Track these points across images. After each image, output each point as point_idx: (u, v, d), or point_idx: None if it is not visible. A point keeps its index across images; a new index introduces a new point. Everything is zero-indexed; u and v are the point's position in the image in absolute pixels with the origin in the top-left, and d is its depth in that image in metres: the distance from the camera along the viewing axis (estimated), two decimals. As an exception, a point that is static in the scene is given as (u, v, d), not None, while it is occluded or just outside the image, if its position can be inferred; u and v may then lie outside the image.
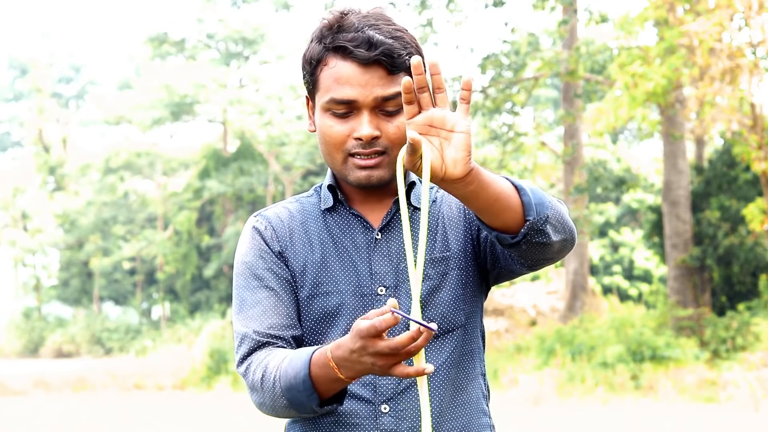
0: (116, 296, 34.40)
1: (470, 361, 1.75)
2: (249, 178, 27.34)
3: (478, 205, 1.52)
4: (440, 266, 1.73)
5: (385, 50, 1.63)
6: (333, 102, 1.66)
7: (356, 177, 1.69)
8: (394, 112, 1.67)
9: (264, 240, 1.75)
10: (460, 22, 16.66)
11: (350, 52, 1.63)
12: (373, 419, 1.67)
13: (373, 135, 1.65)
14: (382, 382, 1.68)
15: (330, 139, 1.68)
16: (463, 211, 1.77)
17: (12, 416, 11.93)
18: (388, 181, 1.71)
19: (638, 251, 25.15)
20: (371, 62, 1.64)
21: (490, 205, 1.52)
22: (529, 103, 26.73)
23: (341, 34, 1.65)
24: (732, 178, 15.68)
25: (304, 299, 1.72)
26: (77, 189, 33.27)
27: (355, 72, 1.64)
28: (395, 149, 1.68)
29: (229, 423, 10.72)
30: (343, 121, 1.67)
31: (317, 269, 1.73)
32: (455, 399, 1.72)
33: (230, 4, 29.00)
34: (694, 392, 11.33)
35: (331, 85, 1.66)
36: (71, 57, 39.46)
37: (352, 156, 1.68)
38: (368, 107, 1.65)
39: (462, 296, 1.74)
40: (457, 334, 1.73)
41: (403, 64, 1.66)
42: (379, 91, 1.65)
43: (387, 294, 1.70)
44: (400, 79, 1.66)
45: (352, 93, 1.64)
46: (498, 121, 17.84)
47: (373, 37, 1.63)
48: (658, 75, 11.20)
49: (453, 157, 1.45)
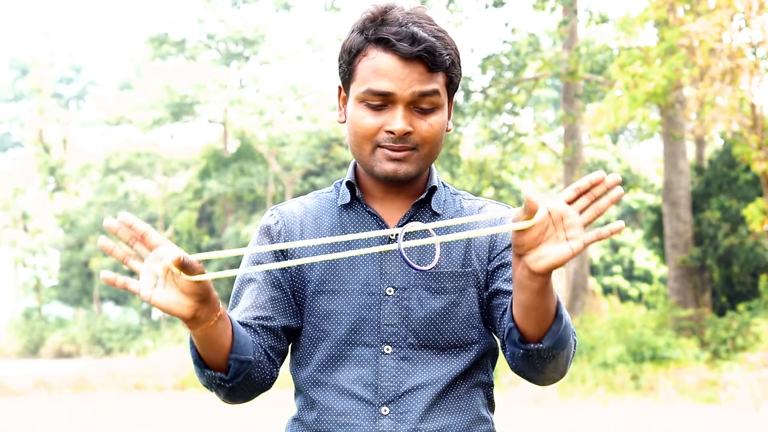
0: (116, 296, 34.39)
1: (477, 373, 1.75)
2: (249, 178, 27.34)
3: (526, 303, 1.52)
4: (460, 281, 1.72)
5: (428, 47, 1.63)
6: (369, 93, 1.65)
7: (383, 169, 1.68)
8: (428, 110, 1.67)
9: (270, 235, 1.77)
10: (461, 23, 16.66)
11: (393, 45, 1.63)
12: (372, 421, 1.67)
13: (405, 130, 1.65)
14: (384, 384, 1.68)
15: (361, 129, 1.68)
16: (491, 238, 1.76)
17: (12, 417, 11.93)
18: (414, 176, 1.70)
19: (638, 251, 25.15)
20: (413, 57, 1.63)
21: (532, 309, 1.52)
22: (530, 104, 26.75)
23: (385, 27, 1.65)
24: (732, 179, 15.68)
25: (310, 294, 1.73)
26: (77, 189, 33.26)
27: (395, 65, 1.64)
28: (425, 147, 1.68)
29: (230, 423, 10.72)
30: (377, 113, 1.67)
31: (326, 266, 1.72)
32: (455, 405, 1.71)
33: (230, 5, 28.99)
34: (695, 393, 11.33)
35: (369, 76, 1.65)
36: (72, 57, 39.45)
37: (381, 147, 1.67)
38: (404, 102, 1.65)
39: (478, 314, 1.73)
40: (467, 350, 1.72)
41: (443, 63, 1.65)
42: (417, 86, 1.64)
43: (395, 295, 1.70)
44: (438, 78, 1.66)
45: (390, 86, 1.64)
46: (498, 122, 17.85)
47: (417, 33, 1.63)
48: (658, 75, 11.20)
49: (546, 254, 1.44)
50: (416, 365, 1.69)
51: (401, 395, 1.68)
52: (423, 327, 1.69)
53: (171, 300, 1.44)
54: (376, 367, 1.68)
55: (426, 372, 1.69)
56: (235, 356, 1.58)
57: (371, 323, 1.69)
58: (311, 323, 1.73)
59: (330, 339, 1.71)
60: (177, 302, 1.44)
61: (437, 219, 1.75)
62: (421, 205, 1.76)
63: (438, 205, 1.77)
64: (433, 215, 1.76)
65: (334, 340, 1.70)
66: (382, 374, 1.68)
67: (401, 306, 1.69)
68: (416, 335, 1.69)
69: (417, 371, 1.69)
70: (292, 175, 26.61)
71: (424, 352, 1.70)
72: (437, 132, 1.68)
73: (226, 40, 28.89)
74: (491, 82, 16.61)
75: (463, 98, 16.45)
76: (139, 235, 1.43)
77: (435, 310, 1.69)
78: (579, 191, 1.43)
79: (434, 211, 1.76)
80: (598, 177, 1.42)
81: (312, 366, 1.72)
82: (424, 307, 1.69)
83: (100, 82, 40.53)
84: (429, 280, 1.70)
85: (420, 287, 1.70)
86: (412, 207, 1.74)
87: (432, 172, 1.79)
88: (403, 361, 1.69)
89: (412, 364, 1.69)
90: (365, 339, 1.69)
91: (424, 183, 1.78)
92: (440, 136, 1.70)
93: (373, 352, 1.69)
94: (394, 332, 1.69)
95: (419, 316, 1.69)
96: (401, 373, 1.68)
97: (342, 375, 1.70)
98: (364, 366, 1.69)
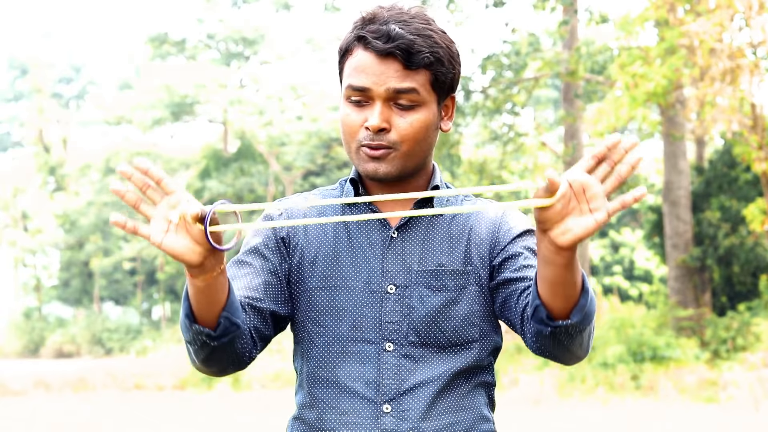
0: (117, 296, 34.40)
1: (479, 372, 1.74)
2: (249, 178, 27.35)
3: (553, 278, 1.50)
4: (460, 279, 1.72)
5: (401, 44, 1.64)
6: (350, 88, 1.68)
7: (364, 168, 1.70)
8: (408, 106, 1.67)
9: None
10: (461, 23, 16.65)
11: (369, 42, 1.66)
12: (374, 419, 1.67)
13: (380, 126, 1.66)
14: (386, 382, 1.68)
15: (346, 127, 1.70)
16: (492, 234, 1.75)
17: (12, 416, 11.93)
18: (395, 176, 1.70)
19: (639, 251, 25.16)
20: (386, 54, 1.65)
21: (560, 284, 1.50)
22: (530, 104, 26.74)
23: (368, 26, 1.68)
24: (732, 179, 15.68)
25: (312, 290, 1.73)
26: (77, 189, 33.26)
27: (372, 62, 1.66)
28: (404, 145, 1.68)
29: (230, 423, 10.72)
30: (359, 110, 1.69)
31: (328, 262, 1.73)
32: (457, 404, 1.71)
33: (231, 5, 28.98)
34: (695, 392, 11.33)
35: (351, 72, 1.69)
36: (71, 57, 39.45)
37: (363, 146, 1.69)
38: (381, 98, 1.66)
39: (478, 313, 1.73)
40: (468, 348, 1.72)
41: (421, 61, 1.65)
42: (392, 83, 1.65)
43: (396, 292, 1.70)
44: (416, 76, 1.67)
45: (366, 81, 1.66)
46: (498, 122, 17.85)
47: (393, 30, 1.64)
48: (658, 75, 11.20)
49: (571, 228, 1.42)
50: (417, 363, 1.69)
51: (403, 393, 1.68)
52: (424, 325, 1.69)
53: (181, 245, 1.46)
54: (378, 364, 1.68)
55: (427, 370, 1.69)
56: (228, 315, 1.58)
57: (372, 320, 1.69)
58: (312, 318, 1.73)
59: (331, 335, 1.71)
60: (188, 248, 1.46)
61: (440, 217, 1.75)
62: (423, 204, 1.76)
63: (440, 203, 1.77)
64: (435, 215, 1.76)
65: (335, 335, 1.71)
66: (383, 372, 1.68)
67: (402, 304, 1.70)
68: (417, 333, 1.69)
69: (418, 369, 1.69)
70: (292, 175, 26.61)
71: (425, 350, 1.69)
72: (417, 130, 1.68)
73: (226, 40, 28.90)
74: (491, 82, 16.61)
75: (464, 98, 16.46)
76: (154, 180, 1.45)
77: (436, 308, 1.69)
78: (597, 158, 1.41)
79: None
80: (614, 140, 1.41)
81: (314, 361, 1.73)
82: (425, 305, 1.69)
83: (100, 81, 40.53)
84: (430, 278, 1.70)
85: (421, 285, 1.70)
86: (414, 205, 1.75)
87: (435, 171, 1.79)
88: (404, 359, 1.69)
89: (413, 362, 1.69)
90: (366, 336, 1.69)
91: (426, 182, 1.77)
92: (422, 135, 1.69)
93: (374, 350, 1.69)
94: (395, 330, 1.69)
95: (420, 314, 1.69)
96: (403, 371, 1.68)
97: (343, 371, 1.69)
98: (365, 363, 1.69)
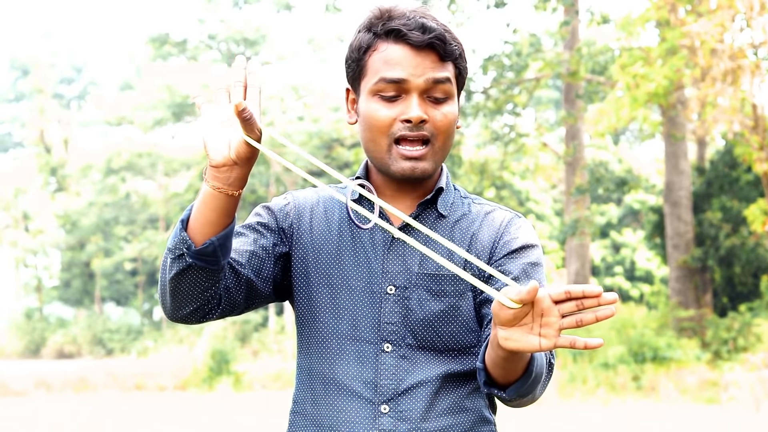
0: (118, 297, 34.41)
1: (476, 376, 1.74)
2: (250, 178, 27.33)
3: (496, 359, 1.50)
4: (460, 284, 1.71)
5: (438, 35, 1.64)
6: (383, 81, 1.65)
7: (400, 167, 1.67)
8: (442, 99, 1.67)
9: (273, 211, 1.78)
10: (462, 23, 16.66)
11: (404, 34, 1.64)
12: (372, 419, 1.67)
13: (422, 117, 1.64)
14: (383, 382, 1.68)
15: (376, 122, 1.67)
16: (492, 244, 1.74)
17: (13, 417, 11.93)
18: (430, 174, 1.70)
19: (640, 252, 25.15)
20: (424, 46, 1.64)
21: (500, 367, 1.51)
22: (531, 104, 26.76)
23: (393, 21, 1.66)
24: (733, 179, 15.67)
25: (314, 285, 1.74)
26: (78, 190, 33.28)
27: (407, 54, 1.65)
28: (439, 138, 1.67)
29: (231, 423, 10.72)
30: (391, 105, 1.66)
31: (331, 261, 1.73)
32: (458, 405, 1.71)
33: (232, 5, 28.99)
34: (696, 393, 11.33)
35: (381, 67, 1.66)
36: (73, 57, 39.47)
37: (397, 144, 1.67)
38: (418, 90, 1.65)
39: (477, 319, 1.72)
40: (466, 353, 1.72)
41: (453, 52, 1.66)
42: (431, 73, 1.65)
43: (396, 293, 1.70)
44: (449, 67, 1.67)
45: (403, 73, 1.64)
46: (499, 122, 17.85)
47: (426, 23, 1.64)
48: (659, 76, 11.20)
49: (516, 338, 1.38)
50: (415, 365, 1.69)
51: (401, 394, 1.68)
52: (421, 328, 1.69)
53: (220, 138, 1.54)
54: (376, 364, 1.69)
55: (424, 371, 1.69)
56: (217, 243, 1.56)
57: (371, 320, 1.70)
58: (312, 313, 1.74)
59: (330, 331, 1.71)
60: (223, 143, 1.54)
61: (443, 220, 1.75)
62: (427, 206, 1.75)
63: (444, 206, 1.76)
64: (439, 216, 1.75)
65: (334, 333, 1.71)
66: (381, 372, 1.68)
67: (401, 305, 1.70)
68: (414, 336, 1.69)
69: (415, 371, 1.69)
70: (294, 176, 26.62)
71: (422, 353, 1.69)
72: (450, 122, 1.68)
73: (227, 41, 28.91)
74: (492, 83, 16.61)
75: (465, 99, 16.46)
76: (242, 81, 1.55)
77: (434, 313, 1.69)
78: (569, 296, 1.36)
79: (440, 212, 1.75)
80: (593, 290, 1.34)
81: (313, 356, 1.73)
82: (424, 308, 1.69)
83: (101, 82, 40.56)
84: (430, 281, 1.70)
85: (420, 287, 1.70)
86: (418, 207, 1.74)
87: (443, 172, 1.79)
88: (402, 360, 1.69)
89: (411, 364, 1.69)
90: (365, 335, 1.70)
91: (434, 183, 1.77)
92: (453, 129, 1.70)
93: (372, 350, 1.69)
94: (393, 331, 1.69)
95: (418, 317, 1.69)
96: (400, 372, 1.68)
97: (341, 370, 1.70)
98: (364, 363, 1.69)
